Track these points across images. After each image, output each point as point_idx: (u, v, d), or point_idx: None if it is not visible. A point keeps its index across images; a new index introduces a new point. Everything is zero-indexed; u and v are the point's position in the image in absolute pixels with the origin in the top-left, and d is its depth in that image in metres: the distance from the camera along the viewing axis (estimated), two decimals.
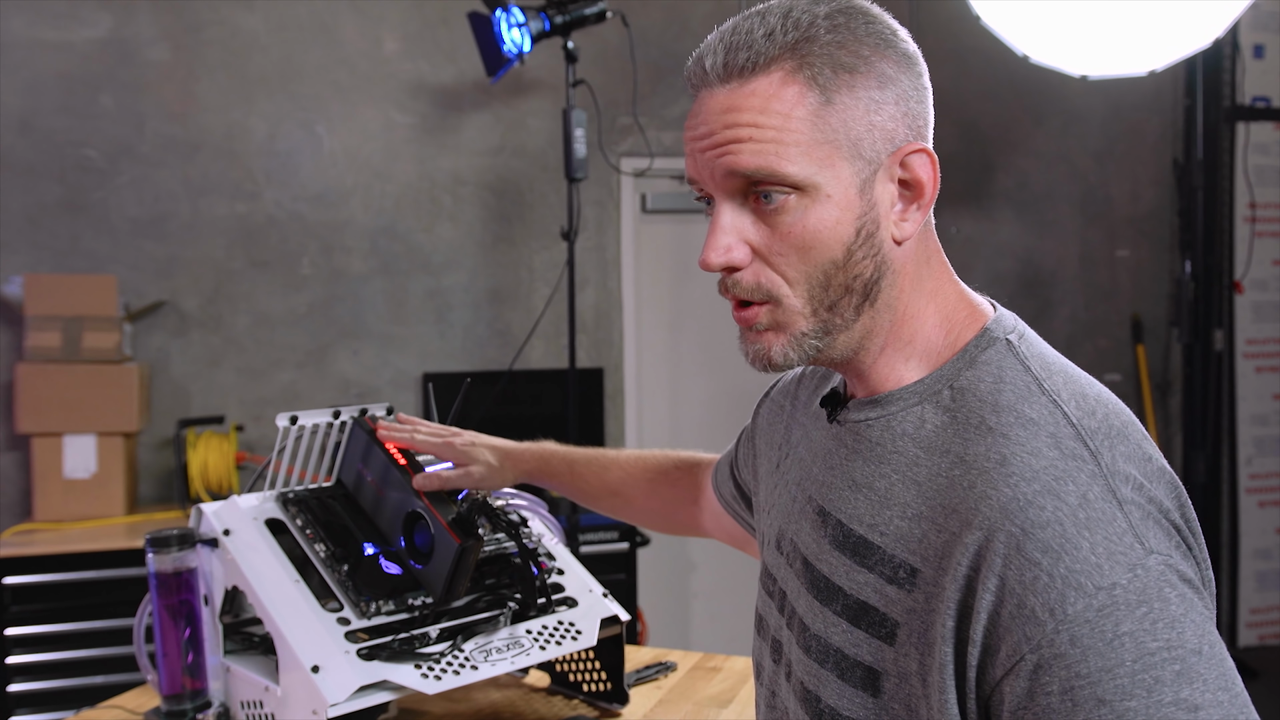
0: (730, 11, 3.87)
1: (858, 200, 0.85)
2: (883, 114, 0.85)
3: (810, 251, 0.86)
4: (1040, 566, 0.75)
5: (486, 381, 3.69)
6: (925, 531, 0.83)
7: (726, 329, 4.13)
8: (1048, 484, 0.78)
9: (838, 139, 0.84)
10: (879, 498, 0.88)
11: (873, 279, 0.88)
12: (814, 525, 0.94)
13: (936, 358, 0.91)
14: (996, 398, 0.85)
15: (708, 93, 0.87)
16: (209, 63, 3.60)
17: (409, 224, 3.82)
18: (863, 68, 0.85)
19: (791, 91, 0.84)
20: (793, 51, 0.84)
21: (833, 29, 0.85)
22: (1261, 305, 4.54)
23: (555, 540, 1.54)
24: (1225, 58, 4.32)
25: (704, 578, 4.22)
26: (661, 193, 4.13)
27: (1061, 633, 0.74)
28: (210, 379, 3.63)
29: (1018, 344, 0.90)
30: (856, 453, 0.92)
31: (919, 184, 0.88)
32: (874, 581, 0.85)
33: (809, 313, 0.88)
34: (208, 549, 1.33)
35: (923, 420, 0.88)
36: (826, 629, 0.89)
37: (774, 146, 0.83)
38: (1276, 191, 4.53)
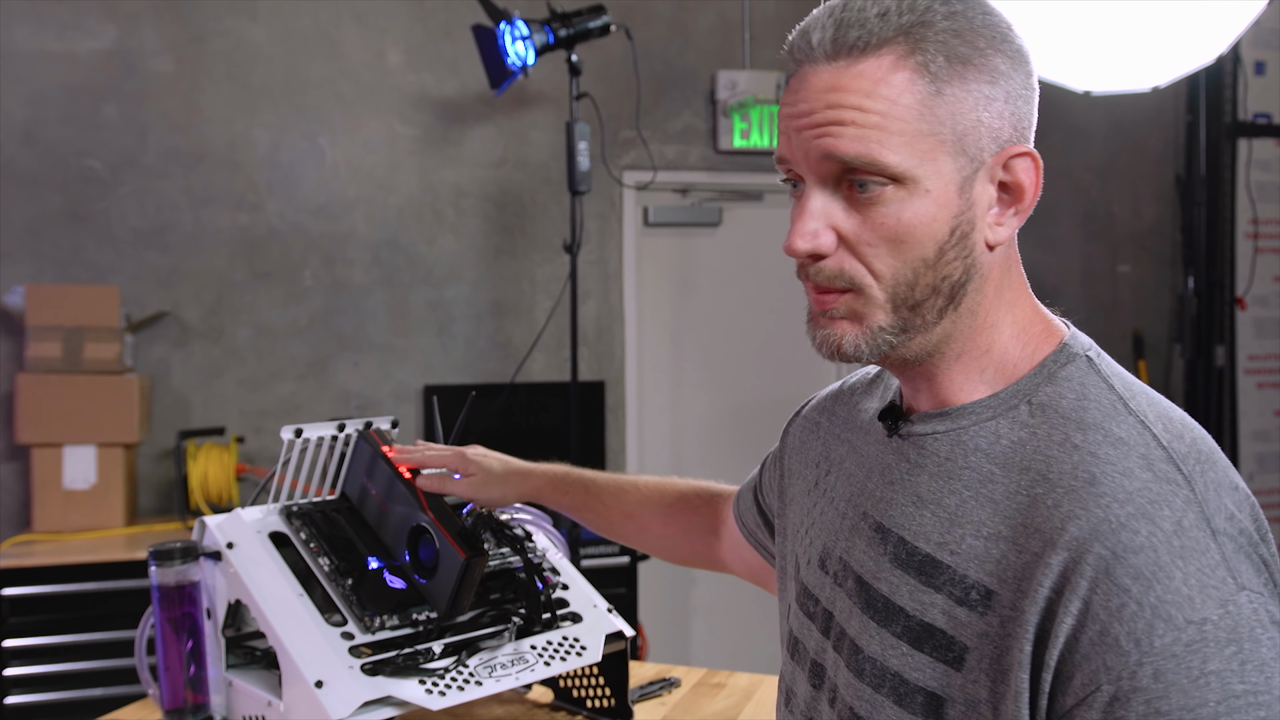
0: (733, 26, 3.86)
1: (956, 198, 0.82)
2: (991, 111, 0.81)
3: (901, 246, 0.82)
4: (1129, 593, 0.72)
5: (488, 394, 3.68)
6: (1004, 552, 0.79)
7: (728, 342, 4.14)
8: (1142, 507, 0.75)
9: (943, 132, 0.80)
10: (948, 515, 0.84)
11: (960, 282, 0.84)
12: (870, 542, 0.90)
13: (1012, 371, 0.87)
14: (1081, 415, 0.82)
15: (811, 69, 0.82)
16: (212, 74, 3.61)
17: (411, 236, 3.82)
18: (977, 60, 0.81)
19: (901, 77, 0.79)
20: (907, 35, 0.80)
21: (950, 16, 0.80)
22: (1263, 321, 4.54)
23: (560, 555, 1.53)
24: (1227, 74, 4.32)
25: (704, 593, 4.20)
26: (664, 206, 4.13)
27: (1145, 665, 0.70)
28: (211, 390, 3.63)
29: (1097, 361, 0.87)
30: (921, 467, 0.88)
31: (1020, 188, 0.84)
32: (942, 603, 0.81)
33: (890, 308, 0.84)
34: (211, 562, 1.33)
35: (998, 435, 0.84)
36: (884, 652, 0.84)
37: (877, 133, 0.79)
38: (1278, 207, 4.53)
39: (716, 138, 4.09)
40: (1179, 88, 4.21)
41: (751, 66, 4.09)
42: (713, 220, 4.18)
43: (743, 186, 4.22)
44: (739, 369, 4.24)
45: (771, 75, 4.02)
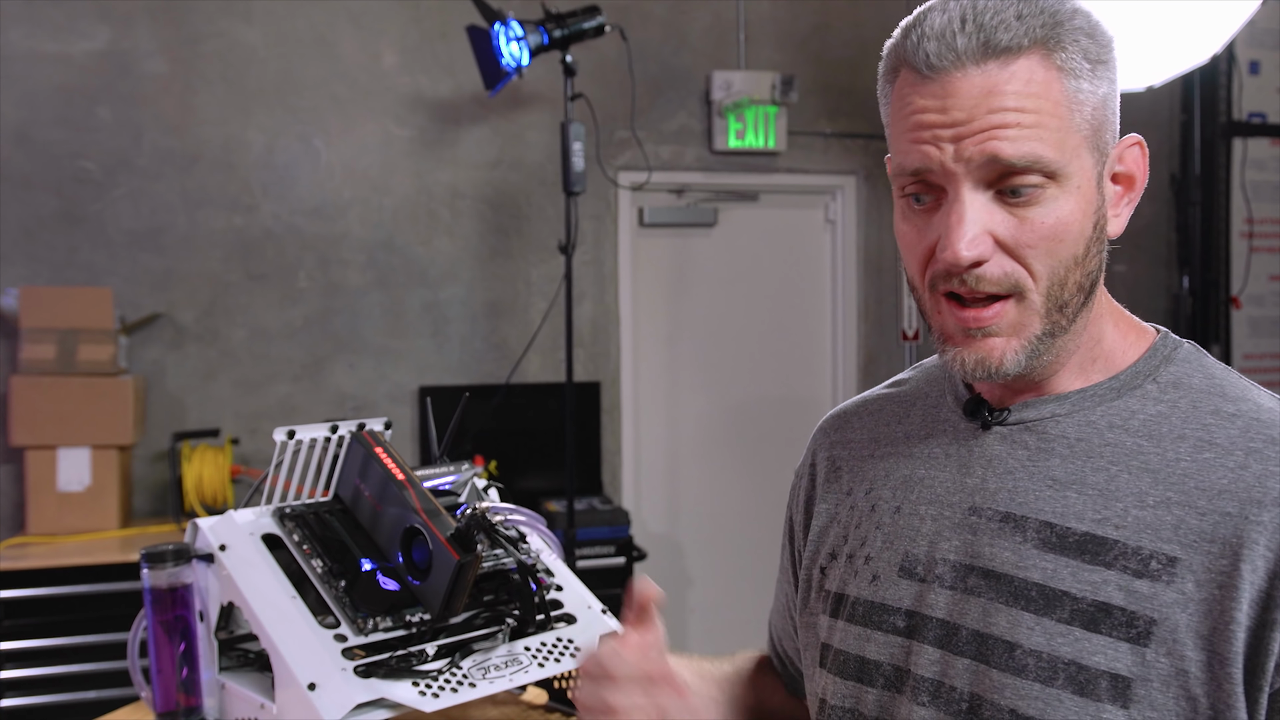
0: (728, 27, 3.84)
1: (1095, 193, 0.84)
2: (1111, 106, 0.85)
3: (1060, 244, 0.82)
4: None
5: (483, 395, 3.68)
6: (1180, 517, 0.79)
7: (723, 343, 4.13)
8: None
9: (1084, 128, 0.82)
10: (1098, 491, 0.83)
11: (1097, 277, 0.86)
12: (997, 534, 0.87)
13: (1119, 358, 0.89)
14: (1222, 389, 0.86)
15: (959, 74, 0.80)
16: (207, 76, 3.60)
17: (406, 237, 3.81)
18: (1105, 56, 0.83)
19: (1049, 76, 0.80)
20: (1049, 35, 0.80)
21: (1074, 14, 0.82)
22: (1258, 320, 4.54)
23: (553, 556, 1.52)
24: (1222, 74, 4.33)
25: (701, 593, 4.20)
26: (659, 206, 4.13)
27: None
28: (206, 392, 3.62)
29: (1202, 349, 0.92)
30: (1047, 451, 0.87)
31: (1131, 177, 0.87)
32: (1115, 578, 0.80)
33: (1044, 312, 0.84)
34: (203, 564, 1.32)
35: (1131, 412, 0.86)
36: (1051, 641, 0.81)
37: (1036, 131, 0.79)
38: (1273, 207, 4.54)
39: (711, 138, 4.09)
40: (1174, 87, 4.21)
41: (747, 67, 4.09)
42: (708, 221, 4.18)
43: (738, 187, 4.21)
44: (734, 370, 4.23)
45: (767, 75, 4.02)
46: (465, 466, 1.51)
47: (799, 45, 4.18)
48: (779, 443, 4.24)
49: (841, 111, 4.21)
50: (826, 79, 4.19)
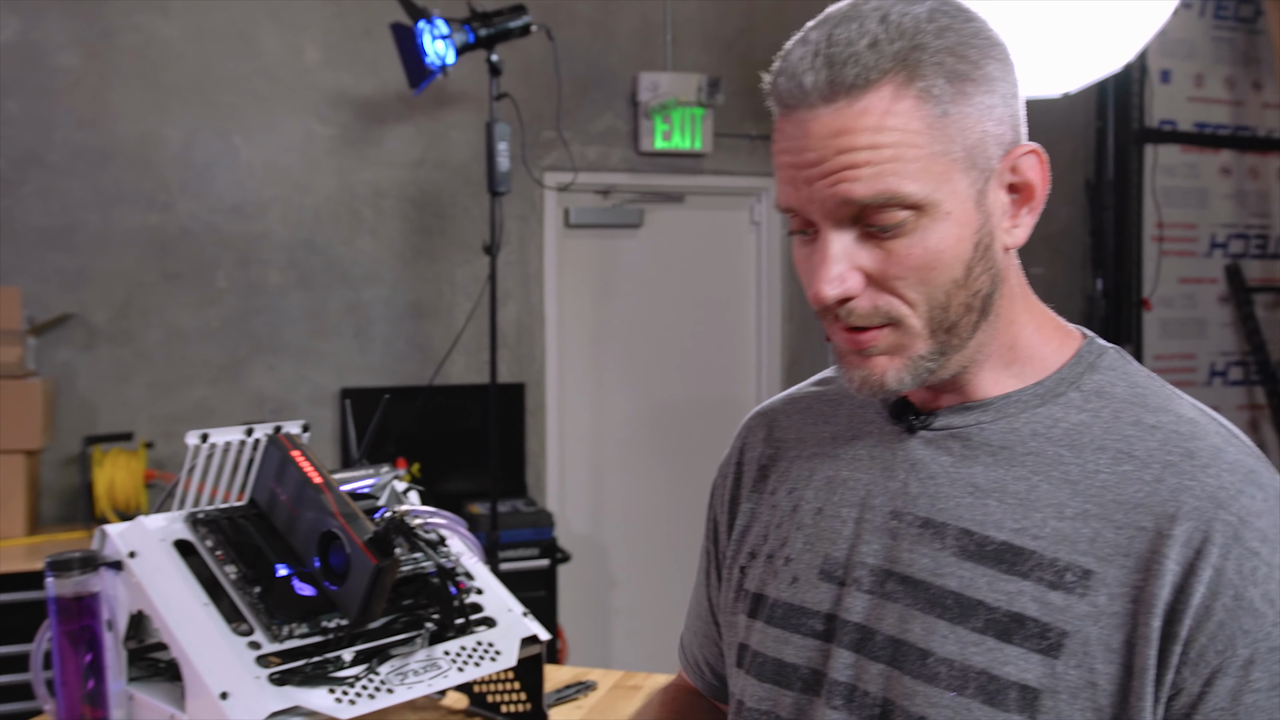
0: (655, 28, 3.84)
1: (975, 213, 0.82)
2: (993, 119, 0.81)
3: (931, 273, 0.81)
4: (1260, 556, 0.75)
5: (406, 397, 3.64)
6: (1097, 530, 0.79)
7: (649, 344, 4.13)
8: (1247, 474, 0.79)
9: (954, 151, 0.79)
10: (1018, 500, 0.83)
11: (989, 293, 0.84)
12: (917, 540, 0.87)
13: (1042, 364, 0.89)
14: (1143, 399, 0.85)
15: (808, 114, 0.80)
16: (122, 70, 3.51)
17: (328, 236, 3.76)
18: (973, 73, 0.80)
19: (905, 106, 0.78)
20: (903, 62, 0.78)
21: (939, 32, 0.79)
22: (1168, 322, 4.67)
23: (474, 559, 1.51)
24: (1134, 82, 4.45)
25: (625, 595, 4.20)
26: (585, 207, 4.13)
27: None
28: (119, 395, 3.53)
29: (1127, 354, 0.91)
30: (969, 458, 0.87)
31: (1029, 186, 0.85)
32: (1031, 589, 0.80)
33: (928, 334, 0.83)
34: (112, 572, 1.29)
35: (1054, 420, 0.85)
36: (964, 650, 0.81)
37: (892, 165, 0.78)
38: (1183, 212, 4.67)
39: (638, 139, 4.09)
40: (1090, 94, 4.31)
41: (673, 68, 4.10)
42: (634, 222, 4.19)
43: (664, 188, 4.22)
44: (660, 371, 4.24)
45: (693, 77, 4.04)
46: (385, 469, 1.49)
47: (725, 48, 4.20)
48: (704, 444, 4.26)
49: (767, 114, 4.18)
50: (753, 81, 4.19)
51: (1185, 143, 4.66)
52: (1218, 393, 4.70)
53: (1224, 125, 4.73)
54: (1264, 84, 4.77)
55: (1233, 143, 4.76)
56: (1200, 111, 4.68)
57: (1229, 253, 4.78)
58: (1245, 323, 4.72)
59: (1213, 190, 4.74)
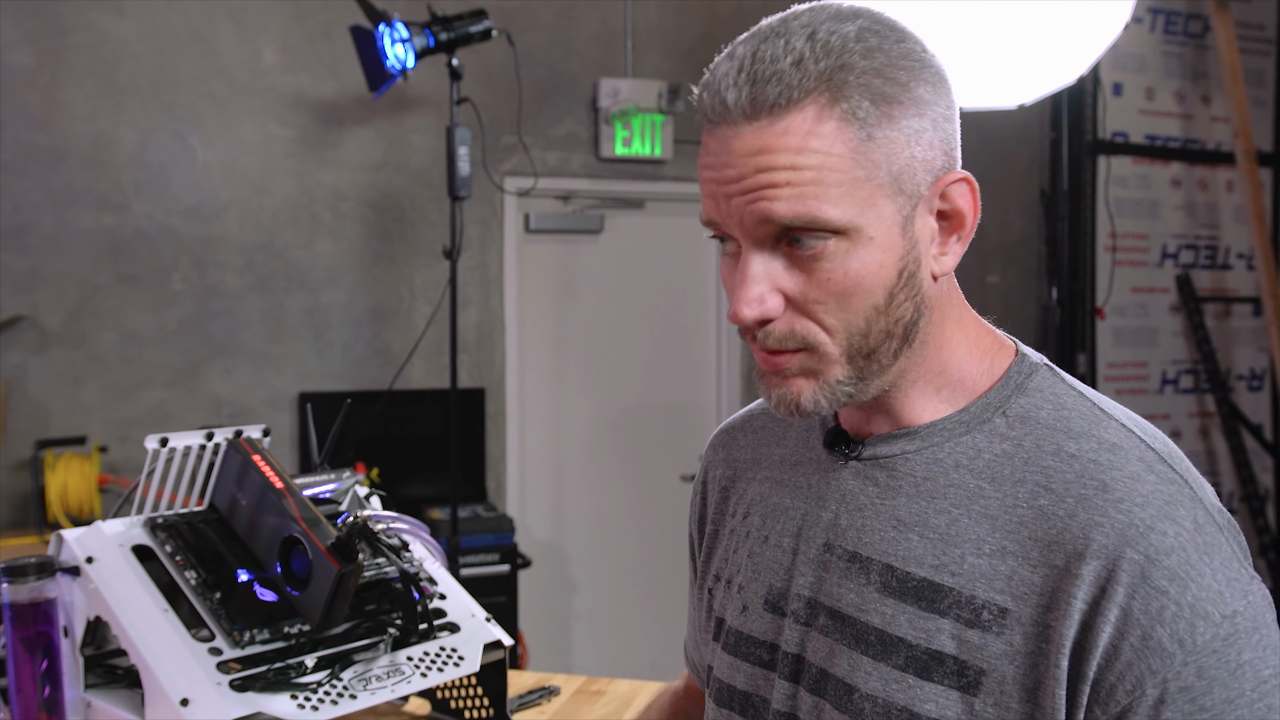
0: (615, 35, 3.85)
1: (900, 240, 0.79)
2: (922, 143, 0.78)
3: (851, 299, 0.78)
4: (1168, 595, 0.73)
5: (366, 401, 3.61)
6: (1013, 568, 0.78)
7: (609, 349, 4.14)
8: (1161, 509, 0.76)
9: (879, 176, 0.77)
10: (939, 535, 0.82)
11: (913, 320, 0.82)
12: (845, 574, 0.86)
13: (972, 387, 0.86)
14: (1067, 424, 0.82)
15: (730, 131, 0.77)
16: (76, 69, 3.47)
17: (287, 240, 3.73)
18: (902, 96, 0.77)
19: (829, 128, 0.75)
20: (828, 83, 0.75)
21: (867, 53, 0.76)
22: (1121, 330, 4.74)
23: (437, 564, 1.51)
24: (1088, 94, 4.52)
25: (585, 600, 4.20)
26: (545, 212, 4.12)
27: (1189, 664, 0.72)
28: (72, 398, 3.48)
29: (1058, 370, 0.87)
30: (894, 490, 0.85)
31: (959, 214, 0.82)
32: (949, 627, 0.79)
33: (844, 360, 0.81)
34: (68, 578, 1.27)
35: (978, 450, 0.83)
36: (886, 687, 0.81)
37: (814, 188, 0.75)
38: (1135, 222, 4.75)
39: (598, 145, 4.10)
40: (1044, 106, 4.37)
41: (634, 75, 4.11)
42: (594, 227, 4.19)
43: (624, 194, 4.23)
44: (620, 376, 4.25)
45: (653, 84, 4.05)
46: (346, 474, 1.48)
47: (685, 55, 4.22)
48: (664, 449, 4.27)
49: None
50: None
51: (1137, 154, 4.74)
52: (1169, 400, 4.77)
53: (1174, 138, 4.81)
54: (1212, 98, 4.86)
55: (1183, 155, 4.84)
56: (1151, 124, 4.76)
57: (1180, 263, 4.87)
58: (1195, 332, 4.81)
59: (1164, 201, 4.82)
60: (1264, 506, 4.81)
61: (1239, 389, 4.97)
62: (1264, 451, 4.90)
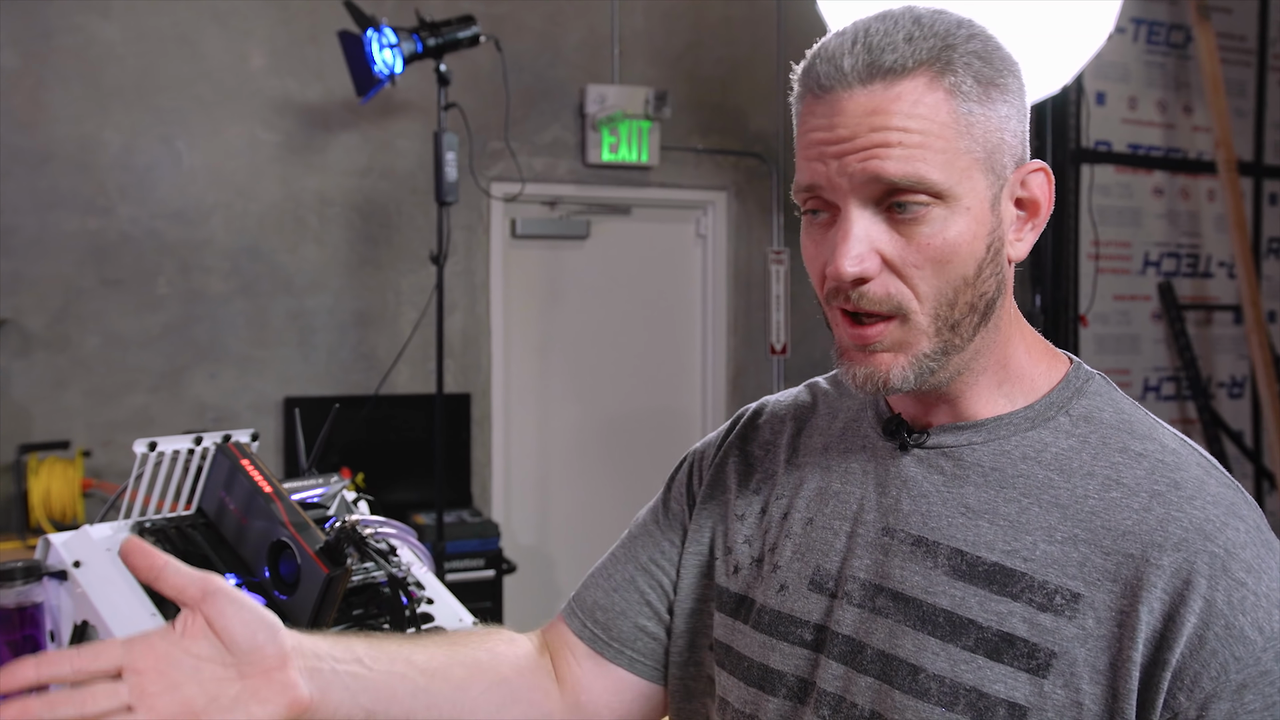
0: (602, 41, 3.86)
1: (989, 215, 0.83)
2: (1009, 130, 0.84)
3: (947, 265, 0.82)
4: (1246, 586, 0.77)
5: (351, 406, 3.61)
6: (1085, 555, 0.81)
7: (595, 355, 4.13)
8: (1229, 507, 0.81)
9: (976, 150, 0.82)
10: (1009, 523, 0.85)
11: (994, 297, 0.86)
12: (909, 557, 0.88)
13: (1032, 386, 0.90)
14: (1130, 426, 0.87)
15: (845, 94, 0.82)
16: (61, 72, 3.46)
17: (272, 244, 3.72)
18: (999, 80, 0.83)
19: (937, 97, 0.81)
20: (937, 58, 0.81)
21: (970, 39, 0.83)
22: (1104, 338, 4.77)
23: (424, 569, 1.51)
24: (1071, 103, 4.55)
25: None
26: (531, 218, 4.13)
27: (1269, 650, 0.76)
28: (55, 402, 3.46)
29: (1111, 381, 0.92)
30: (961, 479, 0.88)
31: (1036, 203, 0.87)
32: (1021, 610, 0.82)
33: (933, 332, 0.84)
34: (55, 582, 1.27)
35: (1044, 444, 0.87)
36: (954, 668, 0.83)
37: (921, 152, 0.80)
38: (1117, 230, 4.78)
39: (585, 151, 4.11)
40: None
41: (621, 81, 4.12)
42: (580, 233, 4.20)
43: (611, 200, 4.24)
44: (606, 382, 4.25)
45: (640, 90, 4.06)
46: (334, 479, 1.48)
47: (672, 62, 4.23)
48: (649, 454, 4.27)
49: (713, 128, 4.27)
50: (699, 95, 4.25)
51: (1120, 163, 4.78)
52: (1151, 407, 4.77)
53: (1156, 147, 4.85)
54: (1194, 108, 4.90)
55: (1165, 164, 4.88)
56: (1134, 133, 4.80)
57: (1161, 271, 4.91)
58: (1177, 339, 4.84)
59: (1146, 210, 4.86)
60: None
61: (1220, 396, 5.00)
62: (1244, 458, 4.94)
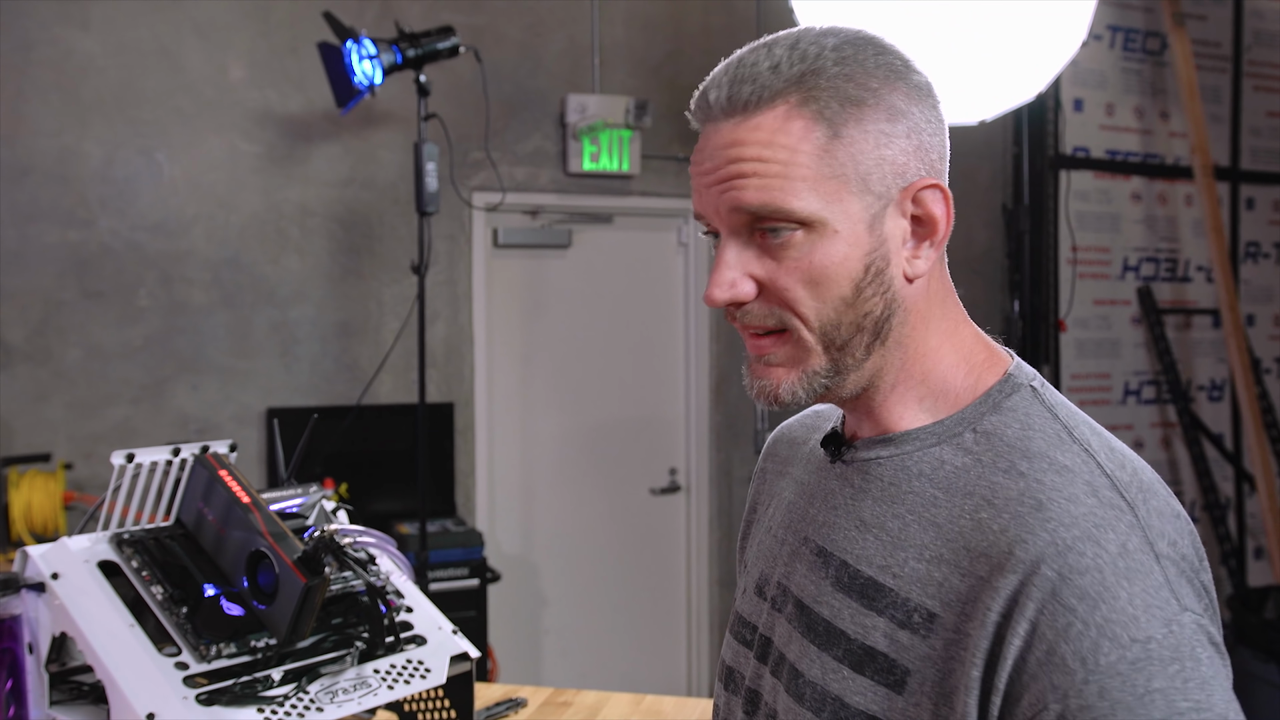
0: (583, 51, 3.89)
1: (866, 236, 0.84)
2: (893, 147, 0.83)
3: (819, 287, 0.84)
4: (1075, 613, 0.73)
5: (334, 416, 3.61)
6: (946, 575, 0.81)
7: (578, 364, 4.16)
8: (1087, 530, 0.76)
9: (846, 173, 0.82)
10: (891, 538, 0.85)
11: (883, 317, 0.86)
12: (811, 566, 0.91)
13: (955, 399, 0.89)
14: (1027, 444, 0.84)
15: (712, 127, 0.86)
16: (40, 84, 3.45)
17: (254, 255, 3.72)
18: (871, 100, 0.83)
19: (798, 125, 0.82)
20: (798, 85, 0.82)
21: (840, 61, 0.83)
22: (1083, 342, 4.80)
23: (404, 577, 1.51)
24: (1049, 110, 4.58)
25: (555, 613, 4.20)
26: (513, 227, 4.14)
27: (1091, 683, 0.71)
28: (36, 414, 3.45)
29: (1042, 391, 0.89)
30: (865, 492, 0.90)
31: (932, 220, 0.86)
32: (884, 626, 0.82)
33: (821, 350, 0.86)
34: (34, 594, 1.27)
35: (942, 461, 0.86)
36: (825, 676, 0.85)
37: (779, 181, 0.82)
38: (1096, 236, 4.82)
39: (566, 160, 4.12)
40: (1006, 121, 4.43)
41: (601, 90, 4.14)
42: (562, 242, 4.21)
43: (592, 209, 4.25)
44: (589, 390, 4.26)
45: (620, 99, 4.07)
46: (314, 489, 1.48)
47: (653, 71, 4.25)
48: (633, 462, 4.28)
49: (694, 137, 4.27)
50: (679, 104, 4.24)
51: (1098, 169, 4.81)
52: (1132, 411, 4.84)
53: (1134, 153, 4.89)
54: (1171, 114, 4.94)
55: (1142, 170, 4.92)
56: (1111, 139, 4.84)
57: (1140, 275, 4.94)
58: (1157, 343, 4.88)
59: (1124, 215, 4.90)
60: (1225, 515, 4.88)
61: (1200, 399, 5.04)
62: (1224, 461, 4.97)
